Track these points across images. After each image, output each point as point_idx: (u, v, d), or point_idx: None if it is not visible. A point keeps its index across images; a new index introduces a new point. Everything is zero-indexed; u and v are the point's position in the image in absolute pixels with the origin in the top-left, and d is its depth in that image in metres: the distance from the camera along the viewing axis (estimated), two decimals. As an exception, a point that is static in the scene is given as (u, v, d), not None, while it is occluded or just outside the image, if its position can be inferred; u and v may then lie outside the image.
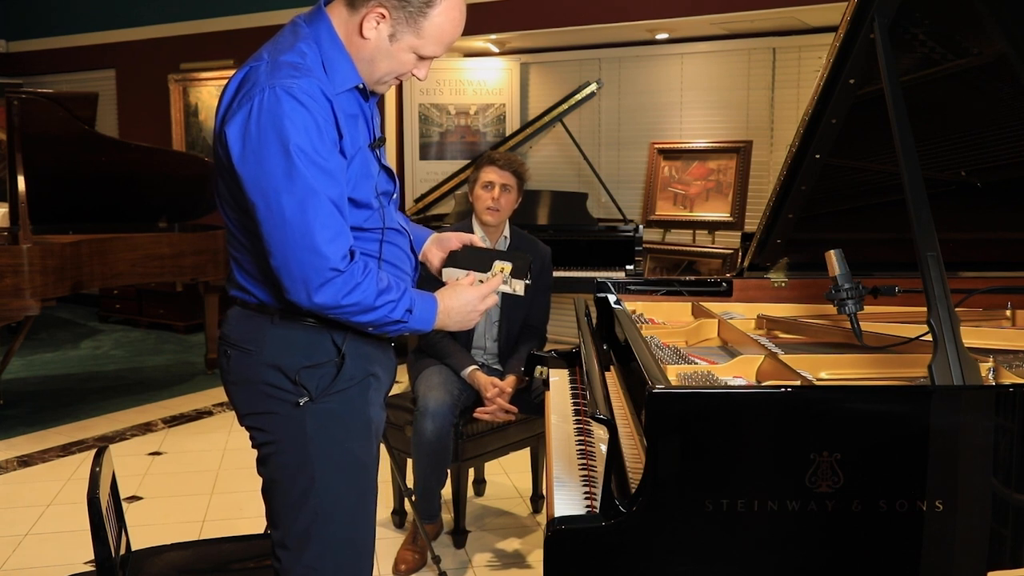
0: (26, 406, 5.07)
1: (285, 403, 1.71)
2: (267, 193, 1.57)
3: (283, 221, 1.57)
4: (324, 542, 1.74)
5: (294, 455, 1.73)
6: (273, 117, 1.55)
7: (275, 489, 1.77)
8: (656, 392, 1.39)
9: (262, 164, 1.56)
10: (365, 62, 1.68)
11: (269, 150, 1.56)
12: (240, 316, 1.76)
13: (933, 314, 1.51)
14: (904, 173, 1.65)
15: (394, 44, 1.66)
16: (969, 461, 1.40)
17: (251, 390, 1.74)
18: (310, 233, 1.56)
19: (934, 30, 1.98)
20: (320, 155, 1.58)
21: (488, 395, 3.08)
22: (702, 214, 5.44)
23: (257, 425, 1.77)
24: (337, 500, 1.74)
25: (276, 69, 1.59)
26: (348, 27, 1.67)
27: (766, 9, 4.85)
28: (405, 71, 1.71)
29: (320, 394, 1.71)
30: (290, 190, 1.56)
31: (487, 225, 3.20)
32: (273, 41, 1.69)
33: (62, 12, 8.28)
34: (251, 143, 1.56)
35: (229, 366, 1.78)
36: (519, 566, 3.12)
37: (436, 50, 1.69)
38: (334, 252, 1.58)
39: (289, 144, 1.55)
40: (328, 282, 1.58)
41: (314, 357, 1.71)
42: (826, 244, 1.91)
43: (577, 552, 1.41)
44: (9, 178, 4.57)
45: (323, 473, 1.72)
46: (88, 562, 3.03)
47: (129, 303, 7.37)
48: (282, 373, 1.70)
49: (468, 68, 6.15)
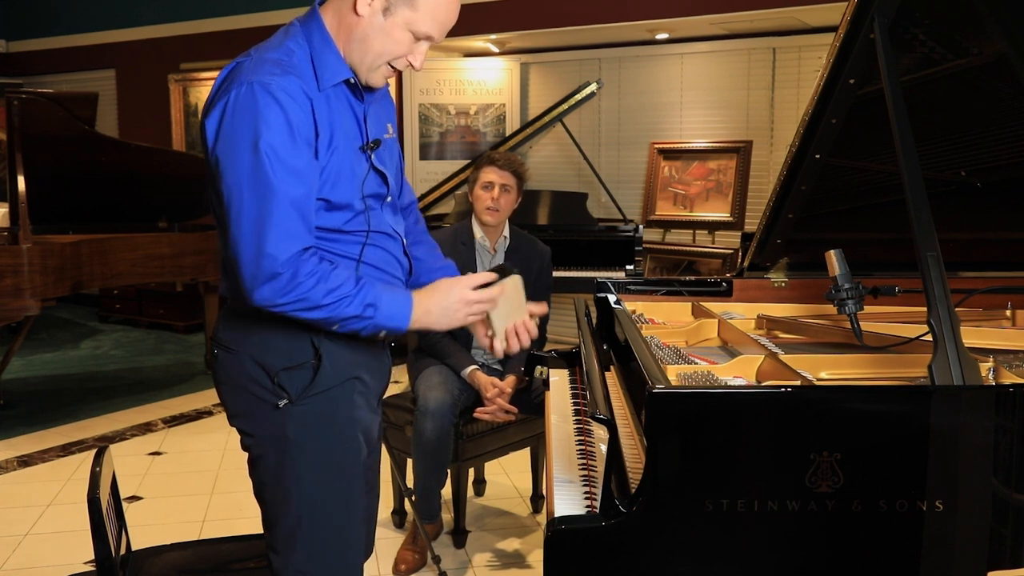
0: (26, 406, 5.07)
1: (266, 404, 1.71)
2: (230, 186, 1.58)
3: (239, 216, 1.58)
4: (309, 545, 1.73)
5: (276, 457, 1.72)
6: (246, 112, 1.56)
7: (262, 491, 1.77)
8: (656, 392, 1.39)
9: (230, 157, 1.58)
10: (358, 42, 1.67)
11: (238, 145, 1.57)
12: (228, 315, 1.77)
13: (933, 314, 1.51)
14: (904, 173, 1.65)
15: (388, 19, 1.64)
16: (969, 461, 1.40)
17: (236, 390, 1.74)
18: (262, 231, 1.57)
19: (934, 30, 1.98)
20: (288, 153, 1.58)
21: (488, 395, 3.08)
22: (702, 214, 5.44)
23: (243, 427, 1.77)
24: (320, 503, 1.73)
25: (258, 65, 1.61)
26: (341, 14, 1.67)
27: (766, 9, 4.85)
28: (400, 53, 1.68)
29: (300, 396, 1.70)
30: (252, 186, 1.57)
31: (487, 225, 3.20)
32: (265, 41, 1.70)
33: (62, 12, 8.28)
34: (223, 136, 1.58)
35: (217, 365, 1.78)
36: (519, 566, 3.12)
37: (432, 28, 1.67)
38: (281, 252, 1.57)
39: (259, 140, 1.56)
40: (268, 281, 1.58)
41: (294, 358, 1.70)
42: (826, 244, 1.91)
43: (577, 552, 1.41)
44: (9, 178, 4.57)
45: (304, 476, 1.72)
46: (88, 562, 3.03)
47: (129, 303, 7.37)
48: (264, 371, 1.70)
49: (468, 68, 6.15)
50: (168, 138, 7.50)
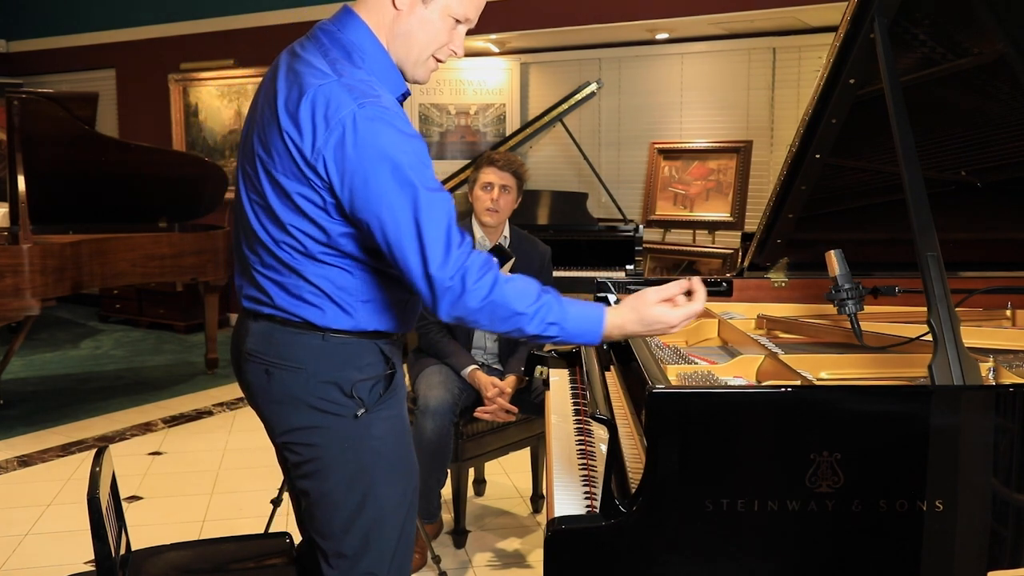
0: (26, 406, 5.07)
1: (341, 417, 1.69)
2: (382, 218, 1.55)
3: (399, 239, 1.55)
4: (383, 546, 1.75)
5: (350, 466, 1.71)
6: (368, 143, 1.53)
7: (325, 502, 1.73)
8: (656, 392, 1.38)
9: (367, 187, 1.54)
10: (402, 38, 1.65)
11: (379, 173, 1.53)
12: (279, 333, 1.70)
13: (933, 314, 1.51)
14: (904, 173, 1.65)
15: (429, 7, 1.64)
16: (969, 461, 1.40)
17: (298, 407, 1.70)
18: (424, 248, 1.54)
19: (934, 30, 1.98)
20: (420, 164, 1.56)
21: (488, 395, 3.08)
22: (702, 214, 5.44)
23: (303, 440, 1.72)
24: (392, 504, 1.76)
25: (354, 90, 1.55)
26: (379, 9, 1.65)
27: (766, 9, 4.85)
28: (443, 41, 1.67)
29: (375, 404, 1.71)
30: (402, 207, 1.54)
31: (486, 225, 3.20)
32: (322, 54, 1.63)
33: (62, 12, 8.28)
34: (351, 170, 1.54)
35: (270, 385, 1.71)
36: (519, 566, 3.12)
37: (469, 9, 1.66)
38: (445, 262, 1.55)
39: (396, 162, 1.53)
40: (444, 295, 1.56)
41: (366, 370, 1.71)
42: (826, 244, 1.91)
43: (577, 552, 1.41)
44: (9, 178, 4.57)
45: (380, 480, 1.73)
46: (88, 562, 3.03)
47: (129, 303, 7.37)
48: (338, 388, 1.68)
49: (468, 68, 6.15)
50: (168, 138, 7.49)
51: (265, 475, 3.85)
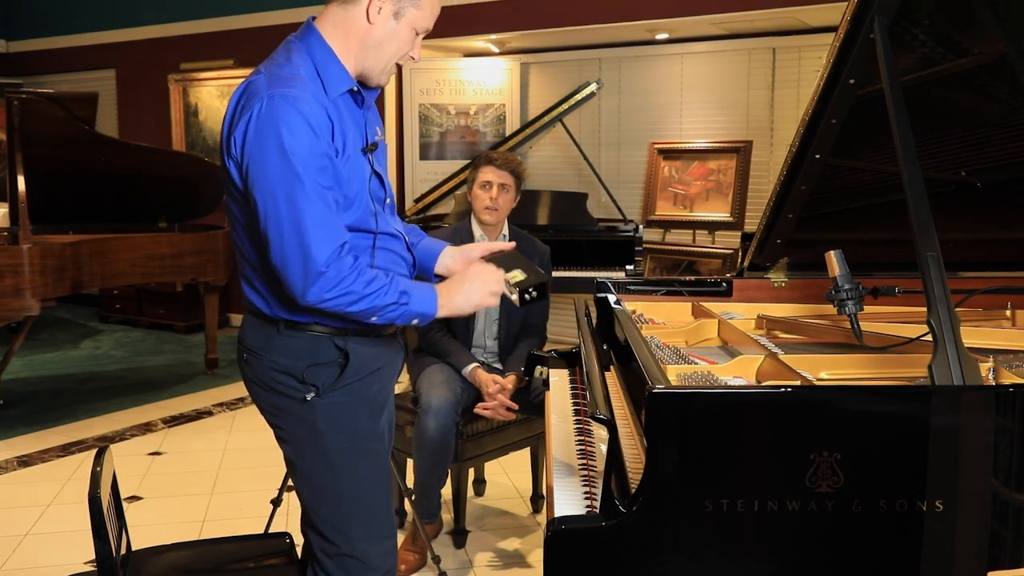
0: (26, 406, 5.07)
1: (294, 400, 1.83)
2: (265, 198, 1.67)
3: (279, 223, 1.67)
4: (356, 522, 1.87)
5: (309, 446, 1.86)
6: (269, 124, 1.65)
7: (300, 477, 1.90)
8: (656, 392, 1.39)
9: (261, 169, 1.66)
10: (372, 49, 1.78)
11: (267, 154, 1.65)
12: (253, 323, 1.88)
13: (933, 314, 1.51)
14: (904, 173, 1.65)
15: (399, 22, 1.77)
16: (969, 461, 1.40)
17: (268, 390, 1.86)
18: (303, 234, 1.67)
19: (934, 30, 1.98)
20: (314, 154, 1.67)
21: (489, 390, 3.08)
22: (702, 214, 5.44)
23: (276, 423, 1.90)
24: (356, 482, 1.87)
25: (273, 80, 1.70)
26: (346, 25, 1.77)
27: (766, 9, 4.85)
28: (406, 50, 1.82)
29: (326, 390, 1.82)
30: (286, 192, 1.66)
31: (485, 224, 3.20)
32: (269, 59, 1.80)
33: (62, 12, 8.28)
34: (250, 150, 1.67)
35: (248, 370, 1.90)
36: (519, 566, 3.12)
37: (430, 22, 1.82)
38: (323, 251, 1.67)
39: (285, 146, 1.64)
40: (316, 281, 1.68)
41: (319, 357, 1.82)
42: (826, 244, 1.91)
43: (577, 552, 1.41)
44: (9, 178, 4.57)
45: (336, 463, 1.85)
46: (88, 562, 3.03)
47: (129, 303, 7.37)
48: (289, 375, 1.82)
49: (468, 68, 6.14)
50: (168, 138, 7.49)
51: (265, 475, 3.85)
